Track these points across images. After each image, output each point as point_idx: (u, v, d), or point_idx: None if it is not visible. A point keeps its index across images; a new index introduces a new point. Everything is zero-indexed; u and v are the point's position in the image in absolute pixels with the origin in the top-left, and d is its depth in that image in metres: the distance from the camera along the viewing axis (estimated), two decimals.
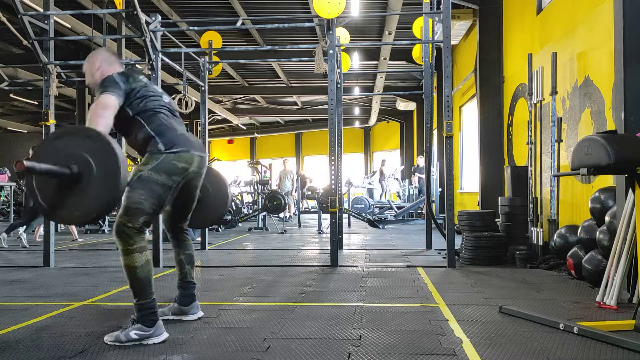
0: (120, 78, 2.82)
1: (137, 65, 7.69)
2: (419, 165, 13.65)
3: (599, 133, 3.06)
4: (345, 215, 11.13)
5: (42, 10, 5.76)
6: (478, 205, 8.24)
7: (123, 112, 2.82)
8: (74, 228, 8.74)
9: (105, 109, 2.66)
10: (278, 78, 16.21)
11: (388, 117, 21.22)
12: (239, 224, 11.73)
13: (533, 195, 5.72)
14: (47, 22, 5.56)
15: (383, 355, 2.49)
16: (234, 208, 12.15)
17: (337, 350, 2.58)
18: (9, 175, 9.91)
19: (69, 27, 10.12)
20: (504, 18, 8.16)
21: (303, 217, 13.99)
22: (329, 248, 5.64)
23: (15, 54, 12.78)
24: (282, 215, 12.33)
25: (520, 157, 7.24)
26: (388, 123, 22.71)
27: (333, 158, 5.69)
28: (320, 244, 7.99)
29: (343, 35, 7.56)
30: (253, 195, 13.05)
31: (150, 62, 5.94)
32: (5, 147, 20.04)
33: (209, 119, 20.84)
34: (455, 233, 5.90)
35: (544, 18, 6.55)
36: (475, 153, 8.99)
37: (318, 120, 23.84)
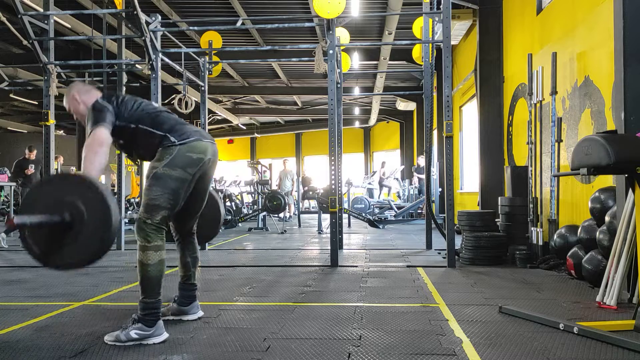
0: (105, 101, 2.83)
1: (137, 65, 7.69)
2: (419, 165, 13.65)
3: (599, 133, 3.06)
4: (345, 215, 11.14)
5: (42, 10, 5.76)
6: (478, 205, 8.24)
7: (123, 128, 2.83)
8: None
9: (101, 146, 2.68)
10: (278, 78, 16.21)
11: (388, 117, 21.23)
12: (239, 224, 11.73)
13: (533, 195, 5.72)
14: (47, 22, 5.57)
15: (383, 355, 2.49)
16: (234, 208, 12.16)
17: (337, 350, 2.58)
18: (9, 175, 9.89)
19: (69, 27, 10.12)
20: (504, 18, 8.16)
21: (303, 217, 13.99)
22: (329, 248, 5.64)
23: (15, 54, 12.78)
24: (282, 215, 12.33)
25: (520, 157, 7.24)
26: (388, 123, 22.71)
27: (333, 158, 5.69)
28: (320, 244, 7.99)
29: (343, 35, 7.56)
30: (253, 195, 13.05)
31: (150, 62, 5.94)
32: (5, 147, 20.04)
33: (209, 119, 20.84)
34: (455, 233, 5.90)
35: (544, 18, 6.55)
36: (475, 153, 8.99)
37: (318, 120, 23.83)
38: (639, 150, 2.91)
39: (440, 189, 10.06)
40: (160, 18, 6.10)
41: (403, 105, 17.20)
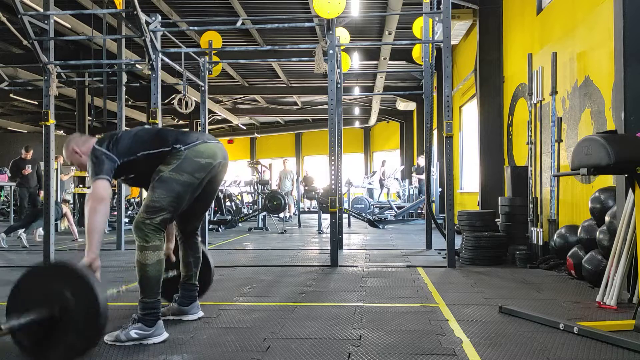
0: (103, 146, 2.82)
1: (137, 65, 7.69)
2: (419, 165, 13.66)
3: (599, 133, 3.06)
4: (345, 215, 11.14)
5: (42, 10, 5.76)
6: (478, 205, 8.24)
7: (130, 163, 2.84)
8: (75, 228, 8.74)
9: (101, 202, 2.69)
10: (278, 78, 16.22)
11: (388, 117, 21.23)
12: (239, 224, 11.73)
13: (533, 195, 5.72)
14: (47, 22, 5.56)
15: (383, 355, 2.49)
16: (234, 208, 12.16)
17: (337, 350, 2.58)
18: (9, 176, 9.89)
19: (69, 27, 10.12)
20: (504, 18, 8.16)
21: (303, 217, 13.99)
22: (329, 248, 5.64)
23: (15, 54, 12.78)
24: (282, 215, 12.33)
25: (520, 157, 7.24)
26: (388, 123, 22.71)
27: (333, 158, 5.69)
28: (320, 244, 7.99)
29: (343, 35, 7.56)
30: (253, 195, 13.05)
31: (150, 62, 5.94)
32: (5, 147, 20.02)
33: (209, 119, 20.84)
34: (455, 233, 5.90)
35: (544, 18, 6.55)
36: (475, 153, 8.99)
37: (318, 120, 23.84)
38: (639, 150, 2.91)
39: (440, 189, 10.06)
40: (160, 18, 6.10)
41: (403, 105, 17.20)
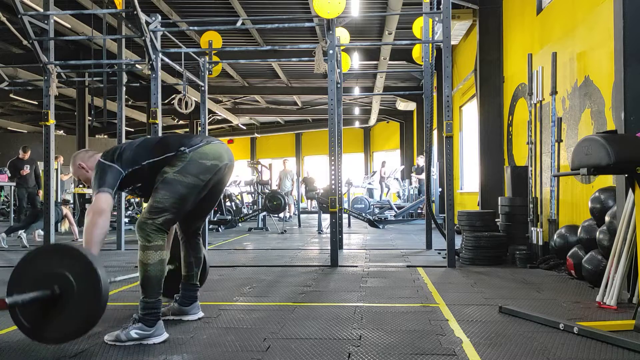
0: (107, 159, 2.83)
1: (137, 65, 7.69)
2: (419, 165, 13.68)
3: (599, 133, 3.06)
4: (345, 215, 11.14)
5: (42, 10, 5.76)
6: (478, 205, 8.24)
7: (136, 172, 2.84)
8: (75, 228, 8.74)
9: (101, 215, 2.69)
10: (278, 78, 16.22)
11: (388, 117, 21.23)
12: (239, 224, 11.73)
13: (533, 195, 5.72)
14: (47, 22, 5.57)
15: (383, 355, 2.49)
16: (234, 208, 12.16)
17: (337, 350, 2.58)
18: (9, 175, 9.89)
19: (69, 27, 10.13)
20: (504, 18, 8.16)
21: (303, 217, 13.99)
22: (329, 248, 5.64)
23: (15, 54, 12.78)
24: (282, 215, 12.33)
25: (520, 157, 7.24)
26: (388, 123, 22.72)
27: (333, 158, 5.69)
28: (320, 244, 7.99)
29: (343, 35, 7.56)
30: (253, 195, 13.05)
31: (150, 62, 5.94)
32: (5, 147, 20.03)
33: (209, 119, 20.85)
34: (455, 233, 5.90)
35: (544, 18, 6.55)
36: (475, 153, 9.00)
37: (318, 120, 23.85)
38: (639, 150, 2.91)
39: (440, 189, 10.06)
40: (160, 18, 6.10)
41: (403, 105, 17.20)
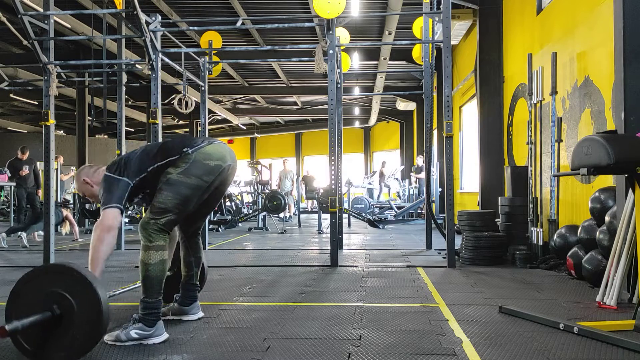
0: (113, 172, 2.83)
1: (137, 65, 7.69)
2: (418, 165, 13.70)
3: (599, 133, 3.06)
4: (345, 215, 11.13)
5: (42, 10, 5.75)
6: (478, 205, 8.24)
7: (142, 180, 2.84)
8: (76, 228, 8.74)
9: (109, 231, 2.70)
10: (278, 78, 16.22)
11: (388, 117, 21.23)
12: (239, 224, 11.73)
13: (533, 195, 5.72)
14: (47, 22, 5.56)
15: (383, 355, 2.49)
16: (234, 208, 12.16)
17: (337, 350, 2.58)
18: (9, 176, 9.89)
19: (69, 27, 10.13)
20: (504, 18, 8.16)
21: (303, 217, 13.98)
22: (329, 248, 5.64)
23: (15, 54, 12.78)
24: (282, 215, 12.33)
25: (520, 157, 7.24)
26: (388, 123, 22.72)
27: (333, 158, 5.69)
28: (320, 244, 7.99)
29: (343, 35, 7.56)
30: (253, 195, 13.05)
31: (150, 62, 5.94)
32: (5, 147, 20.03)
33: (209, 119, 20.84)
34: (455, 233, 5.90)
35: (544, 18, 6.55)
36: (475, 153, 8.99)
37: (318, 120, 23.85)
38: (639, 150, 2.91)
39: (440, 189, 10.06)
40: (160, 18, 6.10)
41: (403, 105, 17.20)
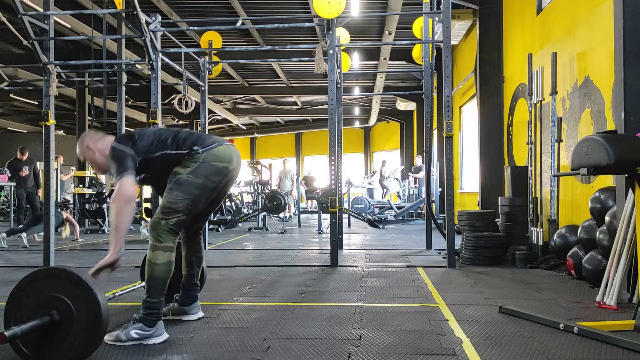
0: (122, 144, 2.82)
1: (137, 65, 7.69)
2: (416, 165, 13.72)
3: (599, 133, 3.06)
4: (345, 215, 11.13)
5: (42, 10, 5.75)
6: (478, 205, 8.24)
7: (148, 162, 2.84)
8: (77, 228, 8.73)
9: (128, 202, 2.71)
10: (278, 78, 16.22)
11: (388, 117, 21.23)
12: (239, 224, 11.73)
13: (533, 195, 5.72)
14: (47, 22, 5.56)
15: (383, 355, 2.49)
16: (234, 208, 12.16)
17: (337, 350, 2.58)
18: (9, 176, 9.90)
19: (69, 27, 10.13)
20: (504, 18, 8.16)
21: (303, 217, 13.98)
22: (329, 248, 5.64)
23: (15, 54, 12.78)
24: (282, 215, 12.33)
25: (520, 157, 7.24)
26: (388, 123, 22.72)
27: (333, 158, 5.69)
28: (320, 244, 7.99)
29: (343, 35, 7.56)
30: (253, 195, 13.06)
31: (150, 62, 5.94)
32: (5, 147, 20.04)
33: (209, 119, 20.84)
34: (455, 233, 5.90)
35: (544, 18, 6.55)
36: (475, 153, 8.99)
37: (318, 120, 23.84)
38: (639, 150, 2.91)
39: (440, 189, 10.06)
40: (160, 18, 6.10)
41: (403, 105, 17.20)
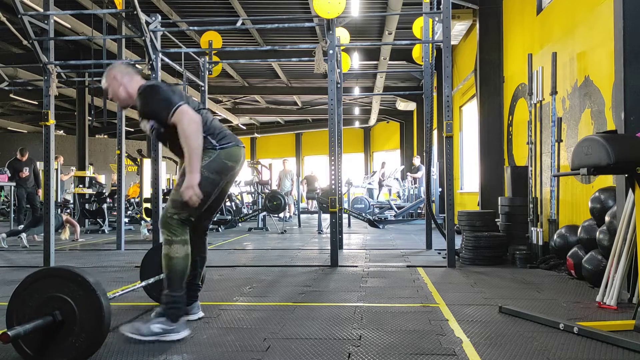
0: (161, 85, 2.82)
1: (137, 65, 7.69)
2: (415, 165, 13.73)
3: (599, 133, 3.06)
4: (345, 215, 11.13)
5: (42, 10, 5.75)
6: (478, 205, 8.24)
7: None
8: (78, 228, 8.74)
9: (198, 124, 2.71)
10: (278, 78, 16.22)
11: (388, 117, 21.23)
12: (239, 224, 11.73)
13: (533, 195, 5.72)
14: (47, 22, 5.56)
15: (383, 355, 2.49)
16: (234, 208, 12.16)
17: (337, 350, 2.58)
18: (9, 176, 9.90)
19: (69, 27, 10.13)
20: (504, 18, 8.16)
21: (303, 217, 13.98)
22: (329, 248, 5.64)
23: (15, 54, 12.79)
24: (282, 215, 12.33)
25: (520, 157, 7.24)
26: (388, 123, 22.72)
27: (333, 158, 5.69)
28: (320, 244, 7.99)
29: (343, 35, 7.56)
30: (253, 195, 13.06)
31: (150, 62, 5.94)
32: (5, 147, 20.05)
33: None
34: (455, 233, 5.90)
35: (544, 18, 6.55)
36: (475, 153, 8.99)
37: (318, 120, 23.85)
38: (639, 150, 2.91)
39: (440, 189, 10.06)
40: (160, 18, 6.10)
41: (403, 105, 17.20)
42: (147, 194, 10.56)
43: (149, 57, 5.88)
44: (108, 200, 10.77)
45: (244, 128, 25.08)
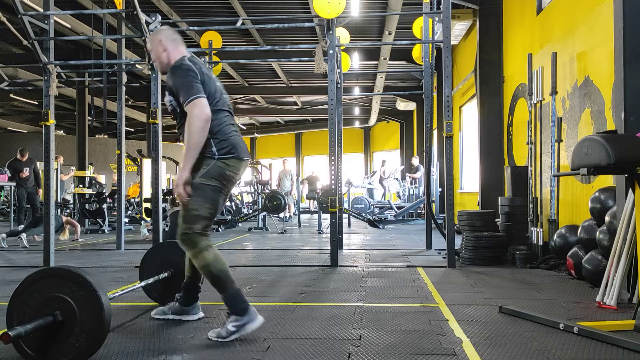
0: (195, 70, 2.80)
1: (137, 65, 7.69)
2: (413, 165, 13.74)
3: (599, 133, 3.06)
4: (345, 215, 11.13)
5: (42, 10, 5.76)
6: (478, 205, 8.24)
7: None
8: (78, 228, 8.74)
9: (208, 122, 2.72)
10: (278, 78, 16.22)
11: (388, 117, 21.24)
12: (239, 224, 11.73)
13: (533, 195, 5.72)
14: (47, 22, 5.56)
15: (383, 355, 2.49)
16: (234, 208, 12.16)
17: (337, 350, 2.58)
18: (9, 175, 9.90)
19: (69, 27, 10.14)
20: (504, 18, 8.16)
21: (303, 217, 13.97)
22: (329, 248, 5.64)
23: (15, 54, 12.79)
24: (282, 215, 12.33)
25: (520, 157, 7.24)
26: (388, 123, 22.72)
27: (333, 158, 5.69)
28: (320, 244, 7.99)
29: (343, 35, 7.56)
30: (253, 195, 13.06)
31: (150, 62, 5.94)
32: (5, 147, 20.04)
33: None
34: (455, 233, 5.90)
35: (544, 18, 6.55)
36: (475, 153, 8.99)
37: (318, 120, 23.86)
38: (639, 150, 2.91)
39: (440, 189, 10.06)
40: (160, 18, 6.10)
41: (403, 105, 17.20)
42: (147, 194, 10.57)
43: (149, 57, 5.87)
44: (108, 200, 10.77)
45: (244, 128, 25.09)
